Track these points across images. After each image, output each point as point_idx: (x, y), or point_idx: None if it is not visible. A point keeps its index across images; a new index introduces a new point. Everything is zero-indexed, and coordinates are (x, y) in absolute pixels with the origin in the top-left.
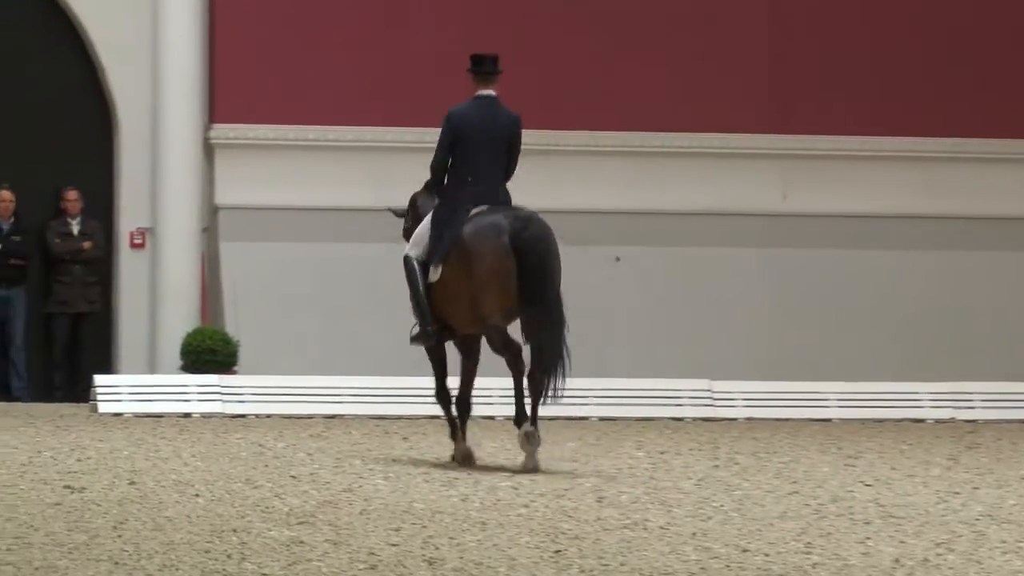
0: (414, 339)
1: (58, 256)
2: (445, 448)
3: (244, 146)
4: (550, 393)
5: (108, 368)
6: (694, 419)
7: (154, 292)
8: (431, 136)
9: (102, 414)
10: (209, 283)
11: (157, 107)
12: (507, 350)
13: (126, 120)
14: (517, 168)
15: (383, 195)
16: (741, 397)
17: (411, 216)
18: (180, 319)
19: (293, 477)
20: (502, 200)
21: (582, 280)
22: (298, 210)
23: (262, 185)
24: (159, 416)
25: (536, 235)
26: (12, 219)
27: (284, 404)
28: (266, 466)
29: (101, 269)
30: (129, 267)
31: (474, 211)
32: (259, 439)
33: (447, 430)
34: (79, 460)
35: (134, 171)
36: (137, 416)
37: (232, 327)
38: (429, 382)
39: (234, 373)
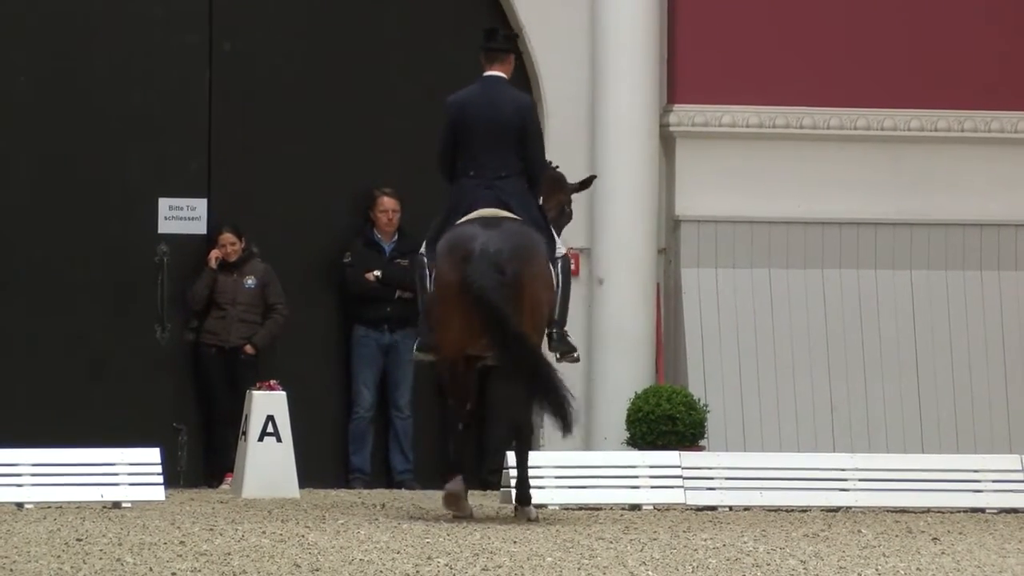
0: (419, 348)
1: None
2: (989, 552)
3: (717, 136)
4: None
5: None
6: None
7: (589, 337)
8: (982, 122)
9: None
10: (666, 324)
11: (596, 80)
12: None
13: (553, 97)
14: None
15: (907, 204)
16: None
17: None
18: (625, 375)
19: None
20: (505, 200)
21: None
22: (795, 223)
23: (741, 189)
24: (595, 509)
25: (487, 267)
26: (396, 236)
27: (768, 492)
28: None
29: None
30: None
31: (470, 216)
32: (733, 540)
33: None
34: (485, 570)
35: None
36: (565, 508)
37: (698, 386)
38: (970, 462)
39: (701, 449)
